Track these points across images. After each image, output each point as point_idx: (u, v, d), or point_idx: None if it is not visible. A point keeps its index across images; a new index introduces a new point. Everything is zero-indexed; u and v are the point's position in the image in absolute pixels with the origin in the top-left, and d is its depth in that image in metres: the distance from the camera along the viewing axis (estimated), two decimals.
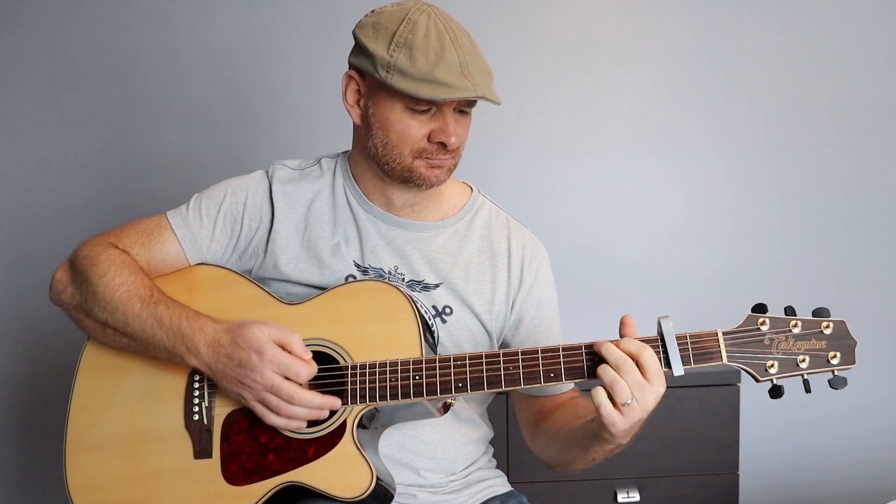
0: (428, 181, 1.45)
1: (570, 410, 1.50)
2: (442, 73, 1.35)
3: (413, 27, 1.39)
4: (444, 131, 1.41)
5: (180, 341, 1.36)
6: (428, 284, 1.50)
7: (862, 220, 2.63)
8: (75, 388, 1.45)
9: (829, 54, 2.59)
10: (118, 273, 1.41)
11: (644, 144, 2.59)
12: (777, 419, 2.58)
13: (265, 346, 1.31)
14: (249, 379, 1.31)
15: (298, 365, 1.32)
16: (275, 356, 1.31)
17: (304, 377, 1.32)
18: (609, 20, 2.57)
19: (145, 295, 1.40)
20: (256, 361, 1.31)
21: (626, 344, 1.25)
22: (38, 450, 2.55)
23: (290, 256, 1.50)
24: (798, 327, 1.25)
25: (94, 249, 1.45)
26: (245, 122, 2.54)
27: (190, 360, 1.36)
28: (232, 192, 1.53)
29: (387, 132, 1.43)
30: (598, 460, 1.43)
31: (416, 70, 1.36)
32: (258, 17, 2.52)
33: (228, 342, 1.33)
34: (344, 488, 1.31)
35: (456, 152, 1.46)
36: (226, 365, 1.33)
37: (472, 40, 1.43)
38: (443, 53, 1.37)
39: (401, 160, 1.43)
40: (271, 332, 1.33)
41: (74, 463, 1.41)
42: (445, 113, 1.41)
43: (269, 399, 1.31)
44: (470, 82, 1.36)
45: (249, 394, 1.33)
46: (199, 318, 1.37)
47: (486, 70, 1.41)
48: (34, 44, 2.49)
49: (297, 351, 1.33)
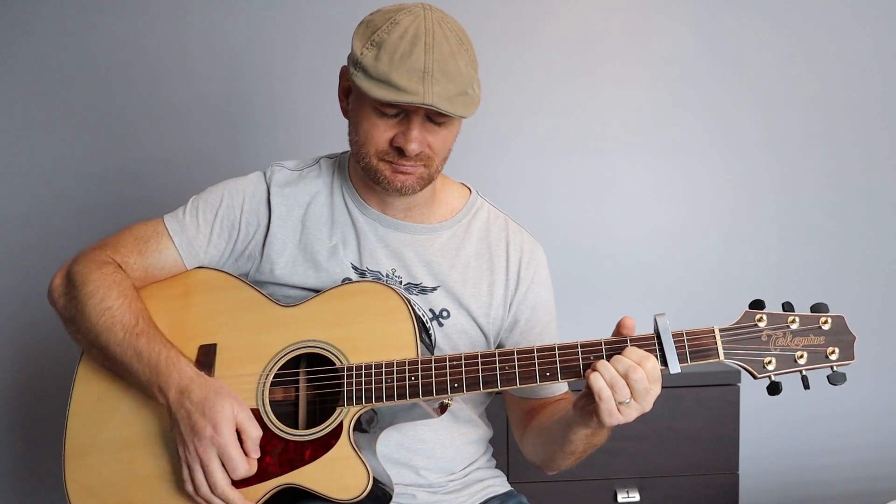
0: (392, 185, 1.42)
1: (553, 408, 1.51)
2: (399, 76, 1.32)
3: (392, 27, 1.36)
4: (404, 136, 1.38)
5: (154, 379, 1.35)
6: (425, 288, 1.50)
7: (861, 220, 2.63)
8: (74, 392, 1.45)
9: (828, 55, 2.60)
10: (106, 296, 1.40)
11: (643, 144, 2.59)
12: (777, 419, 2.57)
13: (223, 426, 1.30)
14: (192, 445, 1.31)
15: (239, 462, 1.30)
16: (225, 442, 1.29)
17: (238, 475, 1.31)
18: (609, 20, 2.57)
19: (129, 324, 1.38)
20: (208, 435, 1.29)
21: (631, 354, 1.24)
22: (37, 452, 2.54)
23: (287, 260, 1.50)
24: (796, 323, 1.24)
25: (89, 266, 1.44)
26: (248, 122, 2.54)
27: (158, 397, 1.35)
28: (229, 195, 1.53)
29: (357, 129, 1.43)
30: (577, 452, 1.43)
31: (375, 70, 1.34)
32: (261, 19, 2.52)
33: (196, 400, 1.32)
34: (341, 490, 1.31)
35: (429, 161, 1.42)
36: (182, 418, 1.32)
37: (459, 49, 1.38)
38: (409, 56, 1.33)
39: (368, 160, 1.42)
40: (239, 415, 1.31)
41: (73, 467, 1.41)
42: (412, 119, 1.38)
43: (196, 473, 1.31)
44: (424, 89, 1.32)
45: (185, 452, 1.32)
46: (180, 361, 1.36)
47: (455, 80, 1.35)
48: (36, 44, 2.50)
49: (247, 446, 1.32)
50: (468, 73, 1.38)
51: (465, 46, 1.40)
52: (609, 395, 1.22)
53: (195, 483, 1.31)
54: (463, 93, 1.36)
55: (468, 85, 1.38)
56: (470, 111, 1.38)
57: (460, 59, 1.37)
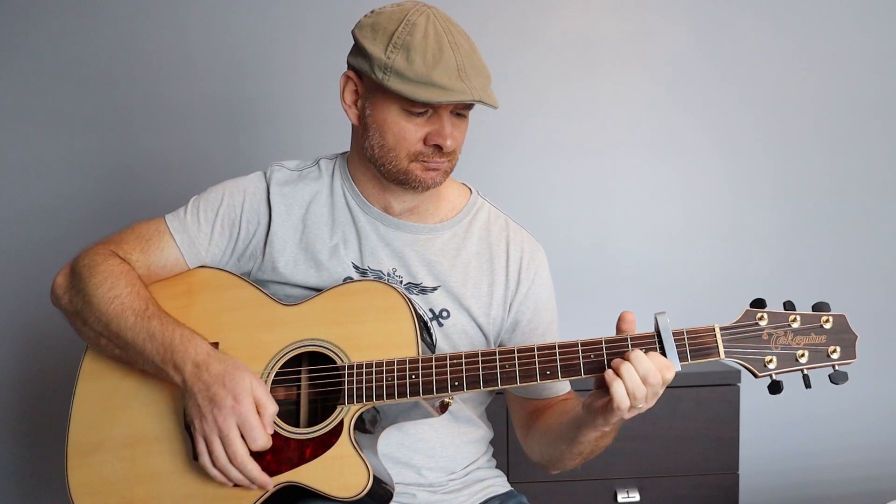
0: (424, 184, 1.44)
1: (560, 408, 1.51)
2: (439, 75, 1.34)
3: (412, 28, 1.37)
4: (441, 134, 1.40)
5: (169, 356, 1.35)
6: (426, 287, 1.50)
7: (862, 219, 2.63)
8: (77, 390, 1.45)
9: (828, 55, 2.60)
10: (114, 284, 1.41)
11: (643, 144, 2.59)
12: (777, 419, 2.57)
13: (244, 397, 1.30)
14: (211, 416, 1.30)
15: (259, 432, 1.30)
16: (246, 411, 1.30)
17: (257, 445, 1.31)
18: (609, 21, 2.57)
19: (140, 308, 1.39)
20: (228, 405, 1.29)
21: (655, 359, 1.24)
22: (39, 451, 2.55)
23: (288, 258, 1.50)
24: (797, 322, 1.24)
25: (94, 258, 1.45)
26: (249, 122, 2.54)
27: (174, 376, 1.35)
28: (229, 194, 1.53)
29: (383, 134, 1.42)
30: (584, 454, 1.43)
31: (412, 72, 1.35)
32: (262, 19, 2.52)
33: (215, 374, 1.32)
34: (341, 488, 1.31)
35: (452, 155, 1.45)
36: (200, 390, 1.32)
37: (470, 43, 1.42)
38: (440, 56, 1.35)
39: (397, 163, 1.43)
40: (256, 388, 1.32)
41: (76, 464, 1.41)
42: (442, 115, 1.40)
43: (215, 444, 1.30)
44: (466, 85, 1.35)
45: (201, 427, 1.32)
46: (195, 338, 1.36)
47: (483, 73, 1.40)
48: (36, 44, 2.50)
49: (265, 420, 1.32)
50: (486, 66, 1.43)
51: (472, 41, 1.44)
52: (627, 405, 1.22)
53: (213, 454, 1.31)
54: (490, 83, 1.41)
55: (490, 77, 1.43)
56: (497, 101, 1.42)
57: (476, 53, 1.41)
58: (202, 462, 1.32)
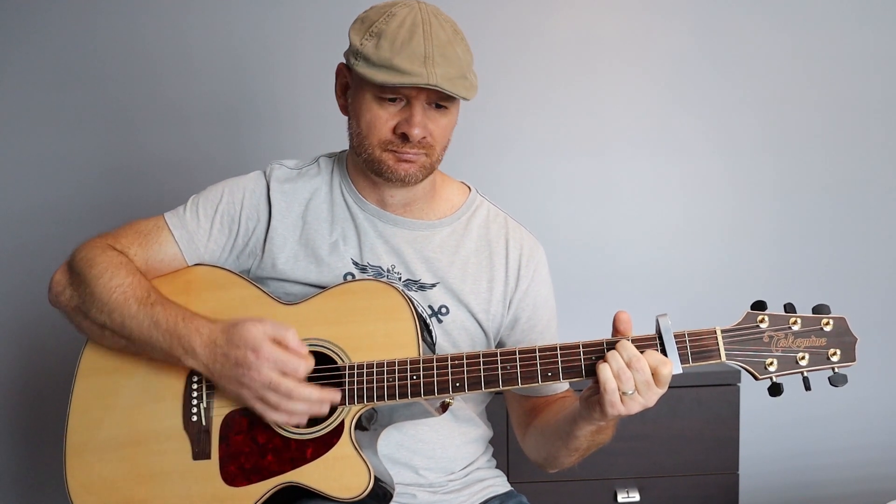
0: (396, 174, 1.43)
1: (558, 405, 1.51)
2: (401, 60, 1.35)
3: (389, 18, 1.39)
4: (408, 122, 1.40)
5: (177, 342, 1.35)
6: (424, 284, 1.50)
7: (862, 220, 2.63)
8: (75, 390, 1.45)
9: (828, 55, 2.60)
10: (115, 274, 1.41)
11: (643, 144, 2.59)
12: (777, 419, 2.57)
13: (261, 343, 1.30)
14: (247, 377, 1.30)
15: (295, 361, 1.30)
16: (271, 353, 1.30)
17: (301, 373, 1.31)
18: (609, 21, 2.57)
19: (142, 296, 1.39)
20: (253, 359, 1.30)
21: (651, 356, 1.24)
22: (38, 451, 2.54)
23: (288, 255, 1.50)
24: (798, 324, 1.24)
25: (92, 251, 1.45)
26: (249, 121, 2.54)
27: (187, 360, 1.35)
28: (229, 192, 1.53)
29: (358, 121, 1.44)
30: (581, 450, 1.43)
31: (377, 57, 1.36)
32: (262, 18, 2.52)
33: (224, 342, 1.32)
34: (342, 489, 1.31)
35: (430, 150, 1.44)
36: (223, 365, 1.32)
37: (454, 37, 1.41)
38: (409, 42, 1.36)
39: (370, 151, 1.43)
40: (266, 329, 1.31)
41: (74, 465, 1.41)
42: (414, 105, 1.40)
43: (269, 396, 1.30)
44: (426, 71, 1.35)
45: (248, 392, 1.32)
46: (196, 319, 1.36)
47: (455, 65, 1.39)
48: (38, 43, 2.49)
49: (293, 346, 1.31)
50: (466, 59, 1.42)
51: (459, 36, 1.44)
52: (614, 387, 1.23)
53: (273, 405, 1.30)
54: (463, 76, 1.40)
55: (467, 69, 1.41)
56: (471, 94, 1.41)
57: (457, 46, 1.41)
58: (274, 419, 1.32)
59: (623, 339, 1.27)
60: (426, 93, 1.39)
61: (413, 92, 1.38)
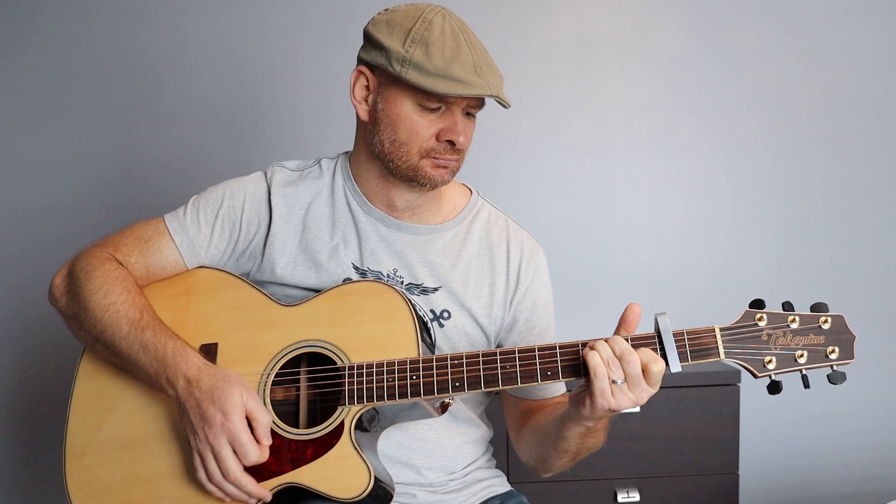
0: (433, 181, 1.44)
1: (551, 409, 1.51)
2: (457, 70, 1.36)
3: (429, 25, 1.39)
4: (454, 130, 1.41)
5: (162, 371, 1.35)
6: (427, 288, 1.50)
7: (861, 219, 2.64)
8: (74, 391, 1.45)
9: (827, 55, 2.60)
10: (110, 291, 1.40)
11: (643, 144, 2.59)
12: (777, 419, 2.58)
13: (233, 413, 1.29)
14: (203, 433, 1.30)
15: (250, 448, 1.30)
16: (235, 428, 1.29)
17: (249, 460, 1.30)
18: (609, 21, 2.58)
19: (134, 318, 1.39)
20: (218, 422, 1.29)
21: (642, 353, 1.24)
22: (38, 452, 2.54)
23: (288, 259, 1.50)
24: (796, 322, 1.24)
25: (91, 262, 1.45)
26: (252, 121, 2.54)
27: (167, 389, 1.35)
28: (230, 195, 1.53)
29: (395, 129, 1.43)
30: (570, 452, 1.42)
31: (432, 66, 1.36)
32: (266, 18, 2.53)
33: (205, 389, 1.32)
34: (342, 489, 1.31)
35: (461, 154, 1.46)
36: (191, 407, 1.32)
37: (483, 45, 1.44)
38: (458, 52, 1.37)
39: (408, 158, 1.43)
40: (248, 402, 1.31)
41: (74, 466, 1.41)
42: (455, 112, 1.41)
43: (208, 461, 1.31)
44: (484, 81, 1.37)
45: (196, 442, 1.32)
46: (186, 352, 1.36)
47: (497, 73, 1.42)
48: (36, 44, 2.50)
49: (259, 433, 1.31)
50: (499, 69, 1.44)
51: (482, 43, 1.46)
52: (604, 373, 1.22)
53: (208, 471, 1.31)
54: (503, 84, 1.43)
55: (503, 78, 1.45)
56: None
57: (488, 54, 1.43)
58: (199, 478, 1.32)
59: (623, 337, 1.27)
60: (466, 101, 1.40)
61: (456, 100, 1.40)
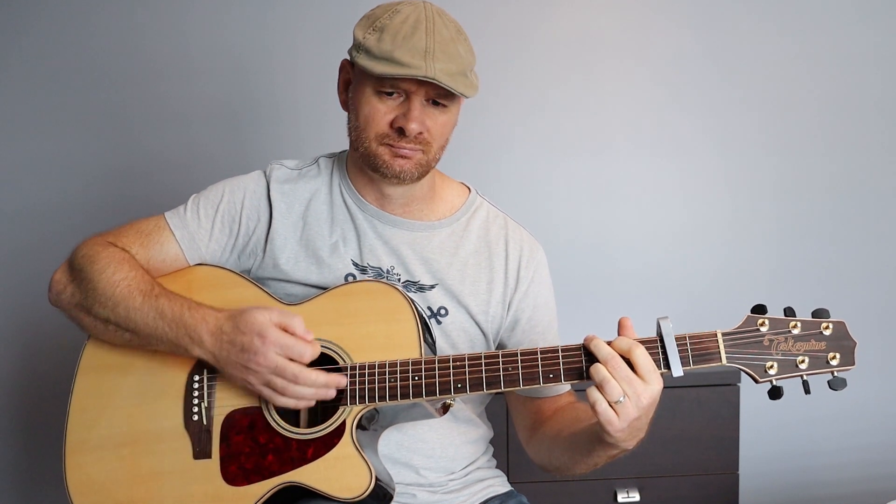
0: (391, 170, 1.43)
1: (571, 414, 1.50)
2: (401, 53, 1.36)
3: (393, 14, 1.41)
4: (405, 116, 1.40)
5: (183, 332, 1.36)
6: (423, 285, 1.50)
7: (862, 221, 2.63)
8: (75, 388, 1.45)
9: (828, 55, 2.60)
10: (118, 269, 1.41)
11: (643, 144, 2.59)
12: (777, 419, 2.58)
13: (267, 329, 1.31)
14: (253, 363, 1.31)
15: (301, 346, 1.31)
16: (277, 338, 1.30)
17: (307, 357, 1.31)
18: (609, 20, 2.57)
19: (146, 289, 1.40)
20: (259, 345, 1.30)
21: (618, 342, 1.25)
22: (38, 450, 2.55)
23: (289, 255, 1.50)
24: (797, 328, 1.24)
25: (93, 248, 1.46)
26: (249, 121, 2.54)
27: (194, 350, 1.36)
28: (230, 191, 1.53)
29: (357, 115, 1.45)
30: (599, 464, 1.42)
31: (378, 49, 1.37)
32: (266, 18, 2.52)
33: (231, 328, 1.33)
34: (343, 489, 1.31)
35: (427, 146, 1.44)
36: (229, 351, 1.33)
37: (458, 37, 1.42)
38: (411, 37, 1.37)
39: (367, 144, 1.44)
40: (272, 315, 1.32)
41: (74, 463, 1.41)
42: (412, 99, 1.40)
43: (275, 381, 1.31)
44: (426, 65, 1.35)
45: (254, 378, 1.32)
46: (201, 308, 1.37)
47: (456, 61, 1.39)
48: (36, 43, 2.49)
49: (299, 333, 1.32)
50: (467, 58, 1.42)
51: (462, 36, 1.44)
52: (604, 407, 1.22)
53: (279, 389, 1.31)
54: (463, 73, 1.40)
55: (468, 68, 1.42)
56: (469, 92, 1.41)
57: (459, 45, 1.42)
58: (281, 404, 1.33)
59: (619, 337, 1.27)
60: (425, 88, 1.39)
61: (413, 87, 1.39)
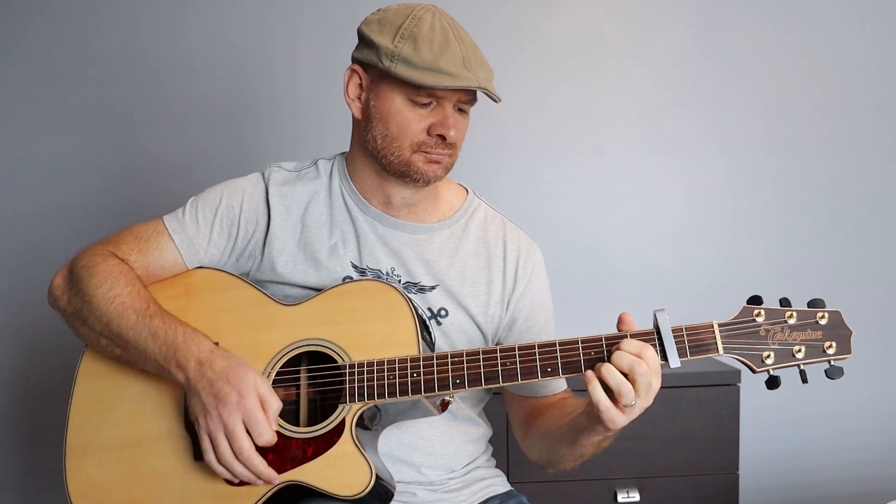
0: (425, 176, 1.45)
1: (559, 409, 1.51)
2: (445, 63, 1.37)
3: (418, 21, 1.41)
4: (444, 124, 1.42)
5: (172, 355, 1.35)
6: (424, 287, 1.50)
7: (861, 220, 2.64)
8: (75, 390, 1.45)
9: (829, 55, 2.61)
10: (114, 284, 1.41)
11: (643, 144, 2.60)
12: (777, 419, 2.58)
13: (248, 392, 1.30)
14: (216, 412, 1.30)
15: (265, 427, 1.30)
16: (251, 407, 1.30)
17: (263, 440, 1.31)
18: (609, 20, 2.58)
19: (141, 307, 1.39)
20: (233, 400, 1.30)
21: (629, 346, 1.24)
22: (38, 452, 2.54)
23: (288, 258, 1.50)
24: (793, 318, 1.25)
25: (93, 259, 1.45)
26: (249, 122, 2.55)
27: (177, 374, 1.35)
28: (228, 194, 1.54)
29: (387, 124, 1.44)
30: (586, 456, 1.43)
31: (419, 59, 1.38)
32: (265, 18, 2.53)
33: (218, 369, 1.32)
34: (343, 487, 1.31)
35: (454, 149, 1.47)
36: (203, 387, 1.32)
37: (473, 41, 1.46)
38: (447, 46, 1.39)
39: (400, 153, 1.44)
40: (260, 385, 1.32)
41: (74, 466, 1.41)
42: (445, 107, 1.42)
43: (220, 440, 1.30)
44: (472, 74, 1.38)
45: (206, 424, 1.32)
46: (197, 336, 1.37)
47: (487, 67, 1.44)
48: (38, 44, 2.50)
49: (270, 416, 1.32)
50: (489, 64, 1.45)
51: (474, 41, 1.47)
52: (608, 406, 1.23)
53: (218, 451, 1.31)
54: (493, 79, 1.44)
55: (493, 73, 1.45)
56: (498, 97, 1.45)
57: (478, 49, 1.45)
58: (207, 459, 1.32)
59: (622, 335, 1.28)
60: (457, 95, 1.42)
61: (447, 94, 1.41)
